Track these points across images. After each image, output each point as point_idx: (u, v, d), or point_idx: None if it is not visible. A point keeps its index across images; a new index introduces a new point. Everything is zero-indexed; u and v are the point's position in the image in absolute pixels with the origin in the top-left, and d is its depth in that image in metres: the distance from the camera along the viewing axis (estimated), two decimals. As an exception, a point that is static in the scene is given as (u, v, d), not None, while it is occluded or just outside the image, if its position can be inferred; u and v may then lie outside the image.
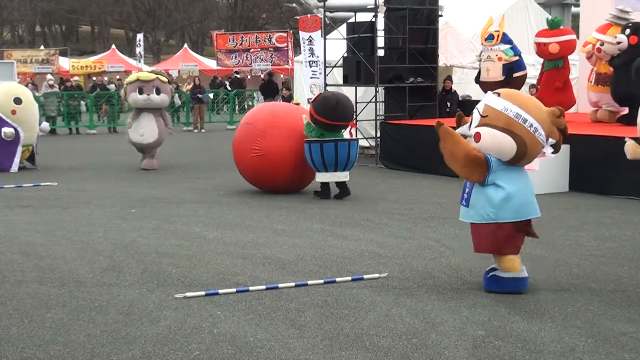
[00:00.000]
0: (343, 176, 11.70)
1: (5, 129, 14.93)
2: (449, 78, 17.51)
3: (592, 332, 5.48)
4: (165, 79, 15.78)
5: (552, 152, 6.46)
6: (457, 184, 12.76)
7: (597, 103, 14.52)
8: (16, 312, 6.05)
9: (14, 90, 15.68)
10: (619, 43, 13.36)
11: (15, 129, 15.03)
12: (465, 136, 6.40)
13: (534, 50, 15.19)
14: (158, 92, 15.30)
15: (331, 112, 11.24)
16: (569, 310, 6.00)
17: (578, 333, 5.46)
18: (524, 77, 14.86)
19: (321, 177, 11.68)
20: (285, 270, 7.33)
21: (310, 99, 17.70)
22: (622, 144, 11.76)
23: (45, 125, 16.92)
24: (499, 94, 6.38)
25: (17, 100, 15.14)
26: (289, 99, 17.26)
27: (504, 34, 14.56)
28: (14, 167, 15.23)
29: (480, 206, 6.38)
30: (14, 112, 15.05)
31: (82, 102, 26.61)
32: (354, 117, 11.74)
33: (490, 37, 14.47)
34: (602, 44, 14.22)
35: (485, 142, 6.27)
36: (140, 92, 15.18)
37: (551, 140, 6.30)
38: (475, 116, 6.40)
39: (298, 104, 17.50)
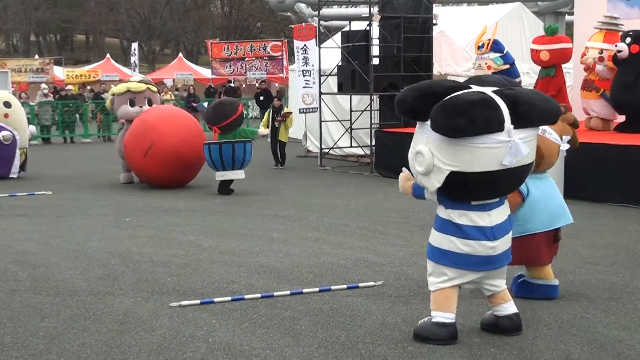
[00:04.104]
0: (239, 174, 12.87)
1: (3, 133, 14.85)
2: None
3: (587, 340, 5.47)
4: (155, 89, 15.34)
5: (573, 146, 6.54)
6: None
7: (586, 109, 14.55)
8: (10, 321, 6.02)
9: (1, 95, 15.63)
10: (619, 51, 13.36)
11: (11, 132, 14.99)
12: None
13: (530, 57, 15.21)
14: (150, 103, 14.91)
15: (207, 116, 13.24)
16: (565, 318, 5.99)
17: (574, 341, 5.46)
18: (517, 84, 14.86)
19: (220, 175, 12.84)
20: (280, 278, 7.32)
21: (303, 109, 17.80)
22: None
23: (32, 128, 16.73)
24: None
25: (7, 104, 15.10)
26: (279, 109, 17.22)
27: (496, 43, 14.55)
28: (14, 172, 15.14)
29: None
30: (6, 115, 15.00)
31: (77, 116, 26.57)
32: (224, 121, 12.93)
33: (482, 45, 14.50)
34: (587, 51, 14.28)
35: None
36: (132, 104, 14.75)
37: (566, 137, 6.39)
38: None
39: (290, 112, 17.51)
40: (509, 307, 5.56)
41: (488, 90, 5.16)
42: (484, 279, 5.43)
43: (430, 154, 5.16)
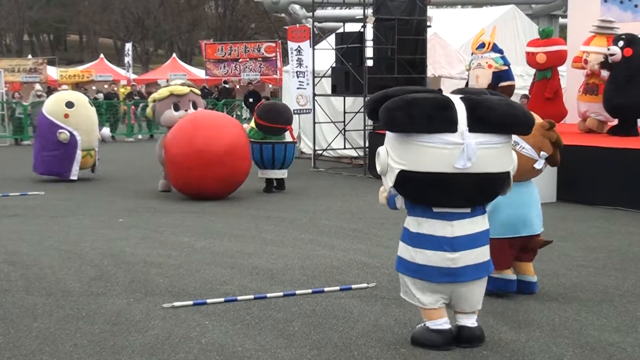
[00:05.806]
0: (280, 174, 13.46)
1: (59, 133, 14.67)
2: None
3: (579, 342, 5.49)
4: (198, 91, 14.32)
5: (551, 165, 6.48)
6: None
7: (586, 113, 14.57)
8: (2, 321, 6.01)
9: (65, 95, 15.61)
10: (612, 55, 13.37)
11: (71, 133, 14.72)
12: None
13: (525, 60, 15.25)
14: (195, 106, 13.75)
15: (267, 115, 13.08)
16: (557, 320, 6.01)
17: (565, 343, 5.48)
18: (511, 87, 14.89)
19: (261, 173, 13.45)
20: (273, 280, 7.32)
21: (296, 110, 17.81)
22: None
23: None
24: None
25: (69, 104, 14.82)
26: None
27: (495, 44, 14.63)
28: (74, 174, 14.88)
29: None
30: (66, 115, 14.73)
31: None
32: (291, 121, 13.69)
33: (482, 45, 14.52)
34: (587, 56, 14.28)
35: None
36: (176, 108, 13.55)
37: (543, 154, 6.31)
38: None
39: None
40: (470, 318, 5.43)
41: (454, 96, 5.14)
42: (452, 296, 5.31)
43: (385, 153, 5.19)
